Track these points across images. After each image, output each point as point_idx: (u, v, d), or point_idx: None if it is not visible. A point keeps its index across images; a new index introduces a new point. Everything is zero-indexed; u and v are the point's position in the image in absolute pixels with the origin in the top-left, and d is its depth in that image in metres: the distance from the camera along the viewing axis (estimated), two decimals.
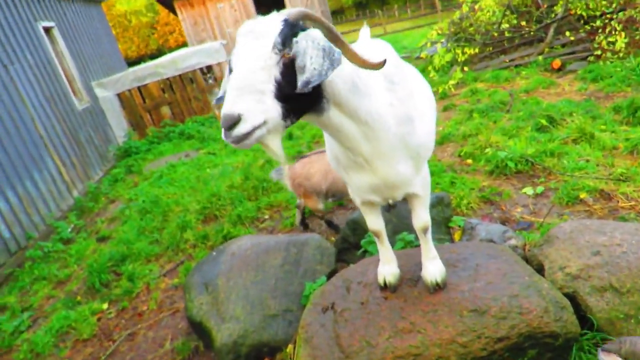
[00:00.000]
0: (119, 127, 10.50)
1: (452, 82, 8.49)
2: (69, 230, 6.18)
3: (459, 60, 8.99)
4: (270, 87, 1.34)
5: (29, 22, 8.05)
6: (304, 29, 1.43)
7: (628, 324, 2.20)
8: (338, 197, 4.11)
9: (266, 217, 5.00)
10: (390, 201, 2.11)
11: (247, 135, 1.29)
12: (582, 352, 2.21)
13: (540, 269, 2.69)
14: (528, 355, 2.08)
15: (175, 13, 17.91)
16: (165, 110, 11.04)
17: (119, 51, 14.98)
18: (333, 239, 4.10)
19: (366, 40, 2.50)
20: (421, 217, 2.17)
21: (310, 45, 1.38)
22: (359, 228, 3.46)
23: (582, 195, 3.84)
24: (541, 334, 2.04)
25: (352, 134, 1.69)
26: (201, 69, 11.15)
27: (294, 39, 1.39)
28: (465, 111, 6.95)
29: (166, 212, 5.59)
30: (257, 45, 1.37)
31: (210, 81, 12.41)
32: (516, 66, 8.74)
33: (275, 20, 1.41)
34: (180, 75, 10.69)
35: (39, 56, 8.01)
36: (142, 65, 11.07)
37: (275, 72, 1.36)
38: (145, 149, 9.71)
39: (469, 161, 5.15)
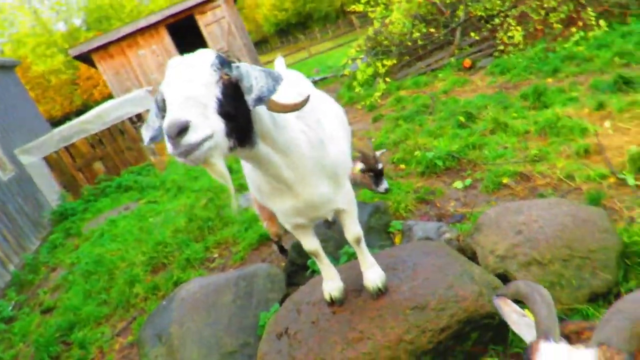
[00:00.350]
0: (50, 191, 10.06)
1: (377, 94, 8.86)
2: (10, 308, 5.81)
3: (380, 72, 9.40)
4: (212, 103, 1.36)
5: None
6: (234, 62, 1.51)
7: (554, 291, 2.39)
8: None
9: (215, 255, 4.96)
10: (329, 218, 2.21)
11: (197, 145, 1.28)
12: None
13: (474, 256, 2.87)
14: (471, 339, 2.21)
15: (95, 66, 17.53)
16: (98, 165, 10.72)
17: (40, 114, 14.44)
18: (283, 263, 4.14)
19: (281, 72, 2.61)
20: (351, 230, 2.28)
21: (251, 68, 1.46)
22: (303, 250, 3.52)
23: (505, 180, 4.12)
24: (479, 316, 2.18)
25: (276, 163, 1.77)
26: (130, 119, 10.96)
27: (233, 64, 1.47)
28: (392, 119, 7.26)
29: (112, 270, 5.40)
30: (194, 68, 1.40)
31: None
32: (433, 70, 9.27)
33: (205, 53, 1.48)
34: (108, 129, 10.45)
35: None
36: (67, 125, 10.74)
37: (215, 91, 1.39)
38: (82, 208, 9.34)
39: (402, 166, 5.38)
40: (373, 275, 2.38)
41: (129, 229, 6.82)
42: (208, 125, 1.31)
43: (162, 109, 1.50)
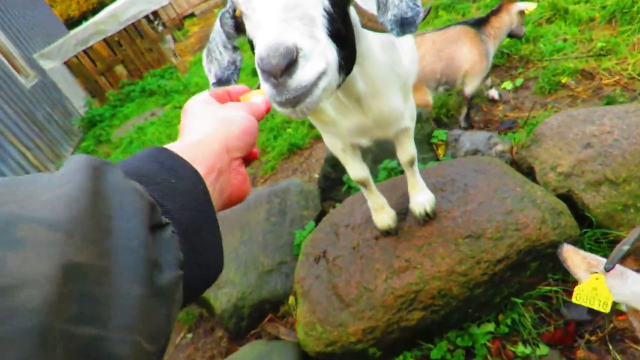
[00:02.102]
0: (76, 97, 9.94)
1: None
2: None
3: None
4: (320, 17, 0.90)
5: None
6: None
7: (627, 214, 2.11)
8: (451, 84, 3.55)
9: None
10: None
11: (312, 87, 0.82)
12: None
13: (530, 172, 2.57)
14: (530, 269, 2.00)
15: None
16: (120, 69, 10.41)
17: (55, 14, 13.85)
18: (316, 175, 3.95)
19: None
20: (408, 150, 1.96)
21: None
22: (339, 164, 3.28)
23: (564, 80, 3.64)
24: (541, 245, 1.95)
25: (353, 75, 1.32)
26: (147, 17, 10.35)
27: None
28: (431, 9, 6.50)
29: None
30: None
31: (160, 28, 11.60)
32: None
33: None
34: (125, 29, 9.92)
35: None
36: (82, 26, 10.23)
37: None
38: (109, 114, 9.27)
39: None
40: (422, 197, 2.13)
41: (157, 136, 6.71)
42: (321, 53, 0.85)
43: (230, 35, 1.06)
